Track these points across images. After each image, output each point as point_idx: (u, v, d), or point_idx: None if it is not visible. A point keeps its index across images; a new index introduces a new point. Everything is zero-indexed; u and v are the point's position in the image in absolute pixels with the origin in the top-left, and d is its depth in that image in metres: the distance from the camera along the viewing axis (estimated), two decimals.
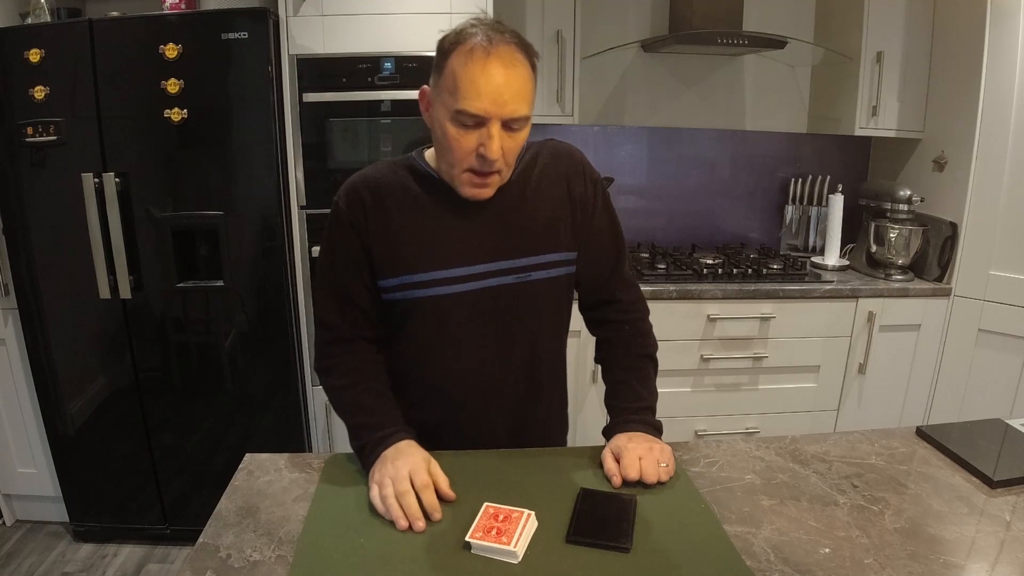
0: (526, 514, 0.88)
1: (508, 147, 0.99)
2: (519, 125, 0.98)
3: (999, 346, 2.22)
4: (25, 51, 1.90)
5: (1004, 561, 0.84)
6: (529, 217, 1.09)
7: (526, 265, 1.09)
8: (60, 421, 2.19)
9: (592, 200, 1.14)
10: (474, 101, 0.93)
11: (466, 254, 1.07)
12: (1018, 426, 1.19)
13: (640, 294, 1.23)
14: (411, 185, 1.09)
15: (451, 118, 0.96)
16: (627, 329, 1.20)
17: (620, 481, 0.99)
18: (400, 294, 1.09)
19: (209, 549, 0.86)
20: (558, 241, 1.11)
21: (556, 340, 1.20)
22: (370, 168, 1.12)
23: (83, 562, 2.22)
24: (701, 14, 2.39)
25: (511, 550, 0.82)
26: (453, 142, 0.98)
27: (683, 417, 2.38)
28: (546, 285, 1.11)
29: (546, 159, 1.13)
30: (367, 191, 1.08)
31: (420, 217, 1.07)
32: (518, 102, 0.95)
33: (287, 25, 1.98)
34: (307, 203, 2.09)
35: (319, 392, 2.24)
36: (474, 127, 0.96)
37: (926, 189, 2.44)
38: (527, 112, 0.97)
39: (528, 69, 0.97)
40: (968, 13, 2.23)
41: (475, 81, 0.93)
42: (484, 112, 0.94)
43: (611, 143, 2.76)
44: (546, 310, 1.14)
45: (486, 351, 1.11)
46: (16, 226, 2.05)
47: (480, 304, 1.08)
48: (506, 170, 1.03)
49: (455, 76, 0.94)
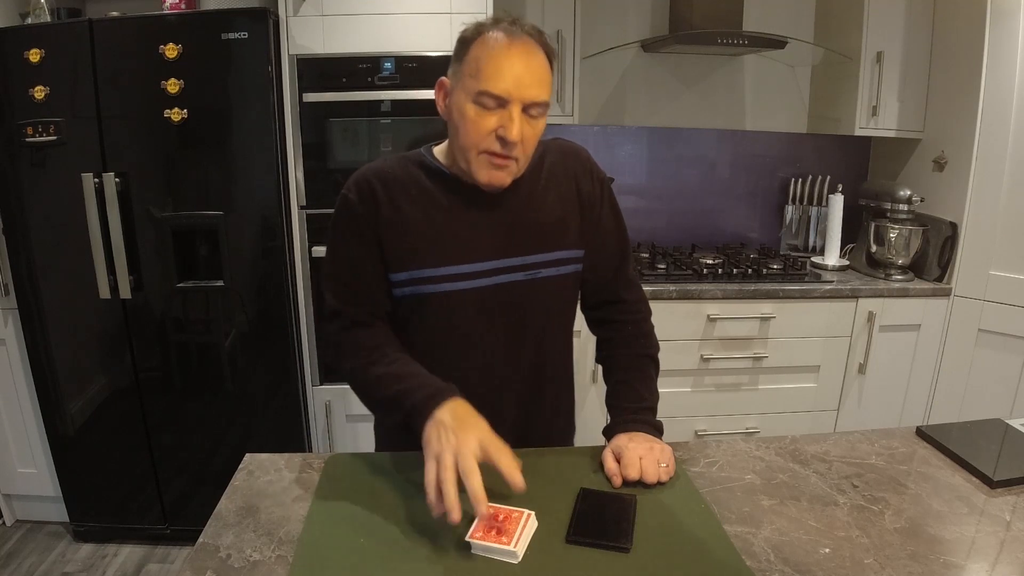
0: (526, 514, 0.88)
1: (527, 134, 0.99)
2: (538, 111, 0.99)
3: (999, 346, 2.22)
4: (25, 51, 1.90)
5: (1004, 561, 0.84)
6: (538, 214, 1.09)
7: (535, 262, 1.09)
8: (60, 421, 2.19)
9: (599, 199, 1.14)
10: (498, 83, 0.95)
11: (476, 250, 1.07)
12: (1018, 426, 1.19)
13: (643, 295, 1.23)
14: (421, 179, 1.08)
15: (473, 100, 0.97)
16: (630, 329, 1.20)
17: (620, 481, 0.99)
18: (409, 289, 1.08)
19: (209, 549, 0.86)
20: (566, 239, 1.11)
21: (563, 339, 1.20)
22: (378, 161, 1.11)
23: (83, 562, 2.22)
24: (701, 14, 2.39)
25: (511, 550, 0.82)
26: (471, 124, 0.98)
27: (683, 417, 2.38)
28: (554, 283, 1.11)
29: (554, 157, 1.13)
30: (378, 182, 1.07)
31: (431, 211, 1.07)
32: (539, 87, 0.97)
33: (287, 25, 1.98)
34: (307, 203, 2.09)
35: (319, 392, 2.24)
36: (495, 109, 0.97)
37: (926, 189, 2.44)
38: (547, 98, 0.99)
39: (547, 60, 1.00)
40: (968, 13, 2.23)
41: (499, 65, 0.95)
42: (507, 94, 0.95)
43: (611, 143, 2.76)
44: (554, 308, 1.14)
45: (494, 348, 1.11)
46: (16, 226, 2.05)
47: (489, 301, 1.08)
48: (523, 159, 1.03)
49: (478, 61, 0.97)
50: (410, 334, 1.13)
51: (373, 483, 1.01)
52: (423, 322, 1.11)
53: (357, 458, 1.08)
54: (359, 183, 1.08)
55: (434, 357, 1.11)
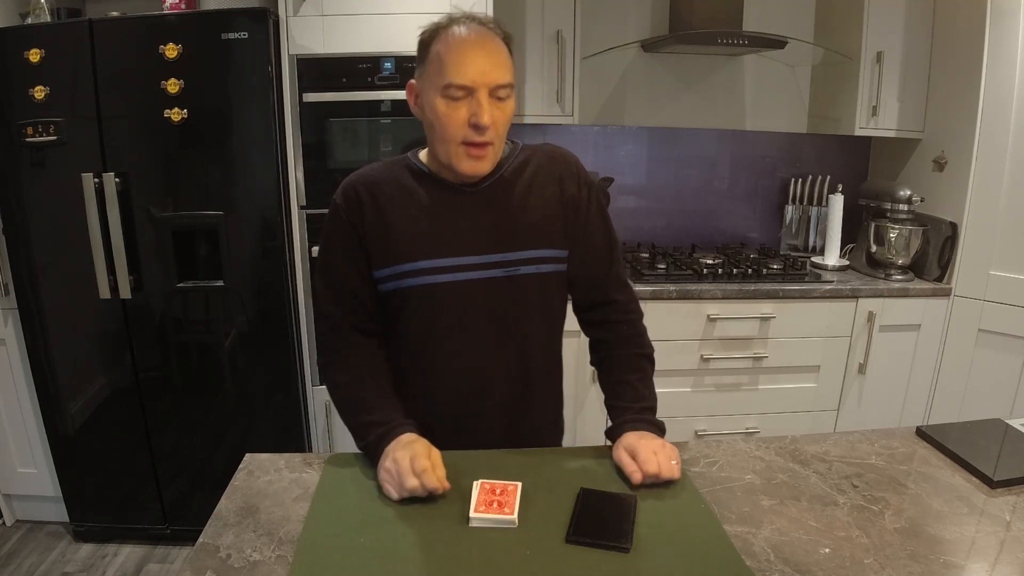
0: (519, 486, 0.96)
1: (497, 117, 1.03)
2: (504, 93, 1.04)
3: (999, 346, 2.22)
4: (25, 51, 1.90)
5: (1004, 561, 0.84)
6: (519, 213, 1.11)
7: (515, 260, 1.11)
8: (60, 421, 2.19)
9: (586, 203, 1.16)
10: (461, 73, 1.00)
11: (455, 245, 1.10)
12: (1018, 426, 1.19)
13: (634, 295, 1.24)
14: (405, 180, 1.13)
15: (441, 94, 1.02)
16: (624, 329, 1.21)
17: (641, 477, 1.00)
18: (392, 284, 1.12)
19: (209, 549, 0.86)
20: (548, 239, 1.13)
21: (549, 340, 1.21)
22: (367, 167, 1.16)
23: (83, 562, 2.22)
24: (701, 14, 2.39)
25: (511, 519, 0.90)
26: (445, 118, 1.03)
27: (683, 417, 2.38)
28: (535, 281, 1.13)
29: (540, 160, 1.16)
30: (363, 187, 1.12)
31: (412, 209, 1.11)
32: (501, 70, 1.02)
33: (287, 25, 1.98)
34: (307, 203, 2.09)
35: (319, 392, 2.24)
36: (463, 99, 1.01)
37: (926, 189, 2.44)
38: (510, 79, 1.04)
39: (504, 44, 1.05)
40: (968, 13, 2.23)
41: (460, 56, 1.01)
42: (471, 82, 1.00)
43: (611, 143, 2.76)
44: (536, 307, 1.15)
45: (477, 346, 1.13)
46: (16, 226, 2.05)
47: (470, 297, 1.10)
48: (498, 142, 1.06)
49: (440, 57, 1.02)
50: (396, 332, 1.16)
51: (373, 483, 1.01)
52: (407, 318, 1.13)
53: (357, 458, 1.09)
54: (346, 189, 1.13)
55: (419, 356, 1.15)
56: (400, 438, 1.03)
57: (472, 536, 0.88)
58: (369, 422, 1.07)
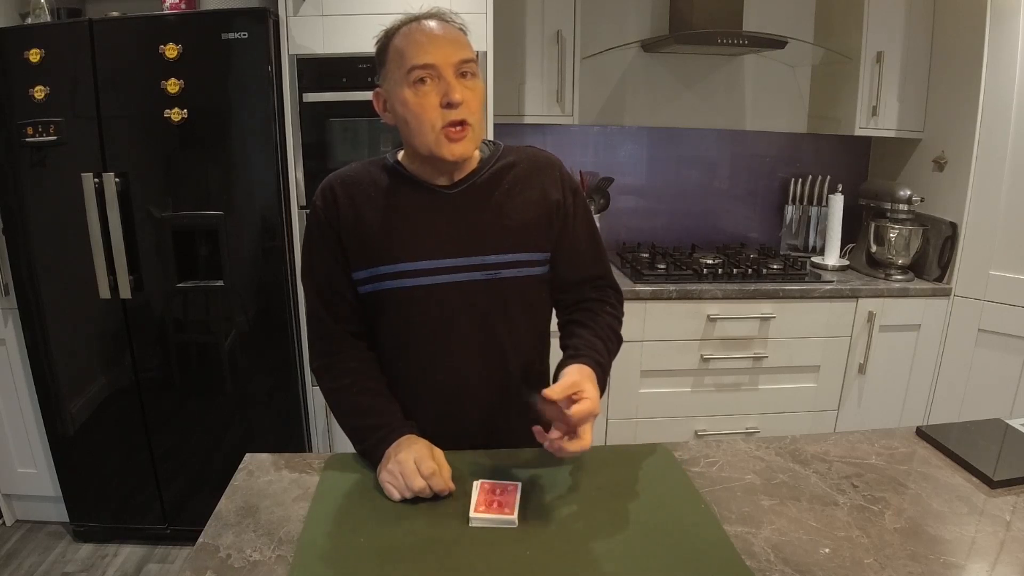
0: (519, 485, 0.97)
1: (469, 97, 1.02)
2: (470, 68, 1.03)
3: (999, 346, 2.22)
4: (25, 51, 1.90)
5: (1004, 561, 0.84)
6: (499, 215, 1.10)
7: (495, 263, 1.10)
8: (60, 421, 2.19)
9: (571, 208, 1.15)
10: (422, 54, 1.00)
11: (433, 248, 1.08)
12: (1018, 426, 1.19)
13: (622, 297, 1.24)
14: (382, 180, 1.11)
15: (407, 84, 1.01)
16: (608, 309, 1.20)
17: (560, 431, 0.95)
18: (371, 286, 1.11)
19: (209, 549, 0.86)
20: (529, 242, 1.12)
21: (531, 342, 1.19)
22: (345, 167, 1.15)
23: (83, 562, 2.22)
24: (701, 14, 2.39)
25: (512, 519, 0.90)
26: (417, 107, 1.02)
27: (683, 417, 2.38)
28: (516, 283, 1.12)
29: (524, 164, 1.14)
30: (340, 187, 1.11)
31: (389, 210, 1.09)
32: (460, 47, 1.03)
33: (287, 25, 1.98)
34: (307, 203, 2.09)
35: (319, 392, 2.21)
36: (431, 83, 1.01)
37: (926, 189, 2.44)
38: (472, 55, 1.04)
39: (460, 31, 1.06)
40: (968, 13, 2.23)
41: (418, 41, 1.01)
42: (434, 60, 1.00)
43: (611, 143, 2.76)
44: (517, 309, 1.13)
45: (457, 349, 1.12)
46: (16, 226, 2.05)
47: (449, 299, 1.09)
48: (476, 123, 1.05)
49: (399, 49, 1.02)
50: (378, 334, 1.15)
51: (373, 483, 1.01)
52: (387, 321, 1.13)
53: (357, 458, 1.09)
54: (323, 189, 1.12)
55: (400, 357, 1.14)
56: (401, 440, 1.03)
57: (472, 536, 0.88)
58: (367, 425, 1.07)
